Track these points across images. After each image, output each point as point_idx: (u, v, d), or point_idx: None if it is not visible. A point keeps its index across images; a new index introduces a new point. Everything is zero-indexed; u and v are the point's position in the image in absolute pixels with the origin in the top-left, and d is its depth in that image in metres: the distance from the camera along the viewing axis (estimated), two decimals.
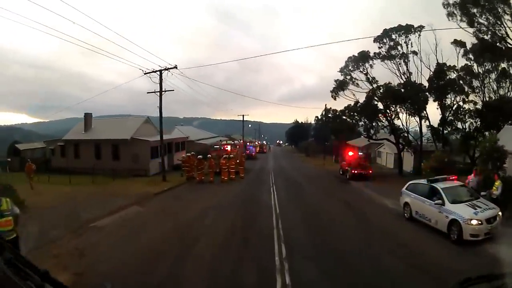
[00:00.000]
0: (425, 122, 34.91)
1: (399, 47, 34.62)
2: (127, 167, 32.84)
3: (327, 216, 15.09)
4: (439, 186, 12.68)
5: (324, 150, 66.03)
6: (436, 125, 34.62)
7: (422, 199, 13.08)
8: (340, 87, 37.54)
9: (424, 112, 34.32)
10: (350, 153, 34.14)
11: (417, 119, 34.86)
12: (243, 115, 69.02)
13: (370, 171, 30.71)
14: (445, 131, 34.04)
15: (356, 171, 29.89)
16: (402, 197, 14.76)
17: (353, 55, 36.69)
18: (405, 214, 14.22)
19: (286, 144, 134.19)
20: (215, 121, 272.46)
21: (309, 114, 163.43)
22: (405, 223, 13.71)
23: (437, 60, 33.19)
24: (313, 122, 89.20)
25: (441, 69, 32.59)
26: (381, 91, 34.85)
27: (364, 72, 36.37)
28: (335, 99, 38.03)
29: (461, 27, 29.50)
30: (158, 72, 27.09)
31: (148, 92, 28.04)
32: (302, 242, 11.02)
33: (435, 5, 34.54)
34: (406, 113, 34.79)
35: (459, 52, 32.09)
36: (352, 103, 36.92)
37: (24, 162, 40.29)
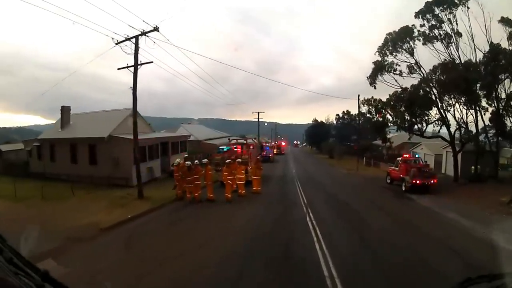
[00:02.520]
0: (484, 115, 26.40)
1: (443, 26, 25.92)
2: (106, 174, 23.86)
3: None
4: None
5: (350, 152, 57.42)
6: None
7: None
8: (378, 71, 28.04)
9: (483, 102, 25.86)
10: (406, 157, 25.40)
11: (469, 111, 26.42)
12: (258, 112, 60.02)
13: (435, 181, 21.57)
14: None
15: (417, 181, 21.03)
16: None
17: (394, 31, 27.55)
18: None
19: (304, 144, 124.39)
20: (231, 122, 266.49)
21: (326, 113, 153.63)
22: None
23: (488, 41, 24.55)
24: (334, 121, 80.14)
25: (495, 50, 23.94)
26: (438, 73, 25.24)
27: (409, 51, 26.88)
28: (374, 86, 28.66)
29: None
30: (134, 39, 18.05)
31: (119, 68, 19.04)
32: None
33: None
34: (464, 104, 25.98)
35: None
36: (392, 93, 27.83)
37: (5, 164, 33.67)
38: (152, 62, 18.43)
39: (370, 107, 27.95)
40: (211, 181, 17.50)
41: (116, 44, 17.96)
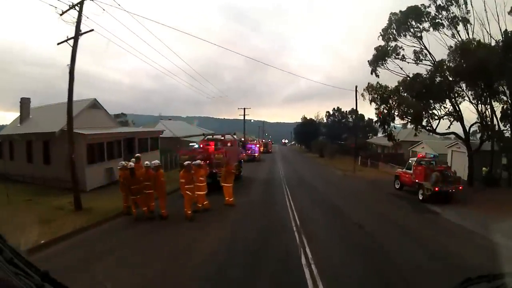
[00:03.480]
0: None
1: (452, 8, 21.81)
2: (60, 176, 19.33)
3: None
4: None
5: (342, 151, 53.30)
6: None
7: None
8: (381, 57, 23.69)
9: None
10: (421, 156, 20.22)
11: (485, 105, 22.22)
12: (244, 108, 55.48)
13: (460, 188, 16.88)
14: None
15: (441, 188, 16.10)
16: None
17: (399, 11, 23.07)
18: None
19: (292, 143, 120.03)
20: (219, 120, 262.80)
21: (315, 112, 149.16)
22: None
23: (501, 28, 20.48)
24: (324, 118, 75.98)
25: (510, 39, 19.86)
26: (456, 56, 20.86)
27: (417, 35, 22.67)
28: (376, 74, 24.30)
29: None
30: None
31: (59, 43, 14.25)
32: None
33: None
34: (482, 96, 21.64)
35: None
36: (401, 80, 23.54)
37: None
38: (92, 30, 13.64)
39: (376, 95, 23.19)
40: (164, 191, 12.52)
41: (61, 15, 13.42)
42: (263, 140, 75.90)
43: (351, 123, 68.78)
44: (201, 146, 19.52)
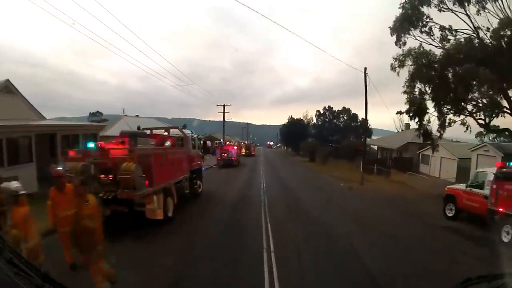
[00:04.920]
0: None
1: None
2: None
3: None
4: None
5: (338, 155, 46.29)
6: None
7: None
8: (409, 17, 16.15)
9: None
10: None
11: None
12: (224, 105, 47.58)
13: None
14: None
15: None
16: None
17: None
18: None
19: (278, 145, 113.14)
20: (205, 123, 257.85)
21: (302, 113, 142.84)
22: None
23: None
24: (314, 118, 68.17)
25: None
26: None
27: None
28: (400, 44, 16.74)
29: None
30: None
31: None
32: None
33: None
34: None
35: None
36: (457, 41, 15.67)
37: None
38: None
39: (419, 65, 14.99)
40: None
41: None
42: (245, 142, 67.54)
43: (342, 124, 61.59)
44: (100, 145, 9.89)
